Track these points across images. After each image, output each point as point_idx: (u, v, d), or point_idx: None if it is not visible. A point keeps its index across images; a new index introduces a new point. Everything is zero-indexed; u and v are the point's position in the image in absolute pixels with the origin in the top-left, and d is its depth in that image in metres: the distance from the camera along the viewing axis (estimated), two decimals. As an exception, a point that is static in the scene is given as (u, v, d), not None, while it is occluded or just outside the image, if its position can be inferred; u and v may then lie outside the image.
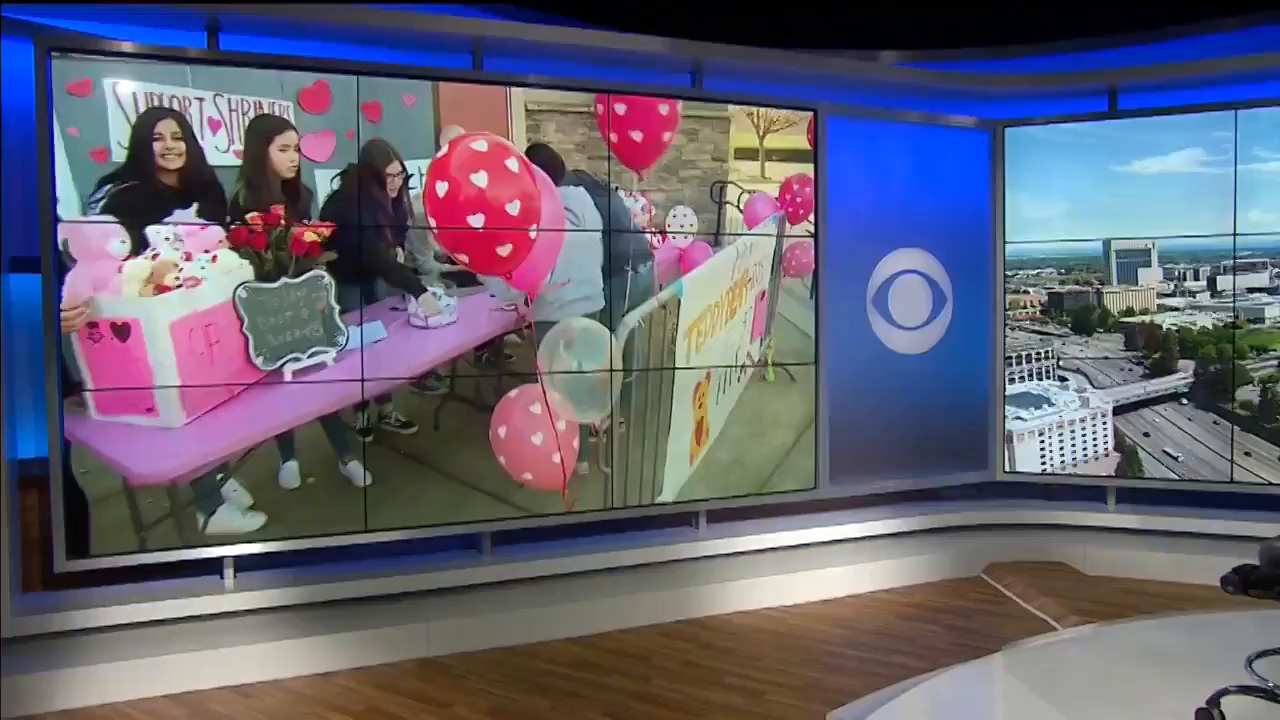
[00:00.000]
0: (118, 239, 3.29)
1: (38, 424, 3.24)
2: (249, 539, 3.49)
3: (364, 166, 3.71)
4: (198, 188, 3.41)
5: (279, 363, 3.56)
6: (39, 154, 3.14)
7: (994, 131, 4.88)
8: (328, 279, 3.61)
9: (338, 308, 3.63)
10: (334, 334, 3.63)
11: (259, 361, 3.52)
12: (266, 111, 3.56)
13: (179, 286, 3.35)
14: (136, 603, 3.33)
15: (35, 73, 3.12)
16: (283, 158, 3.57)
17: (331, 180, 3.66)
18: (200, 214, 3.41)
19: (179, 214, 3.38)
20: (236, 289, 3.44)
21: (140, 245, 3.32)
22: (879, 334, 4.77)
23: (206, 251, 3.43)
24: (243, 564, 3.56)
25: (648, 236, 4.21)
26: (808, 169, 4.48)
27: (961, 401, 4.91)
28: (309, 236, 3.58)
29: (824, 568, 4.24)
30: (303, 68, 3.55)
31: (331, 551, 3.69)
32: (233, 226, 3.46)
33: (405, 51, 3.87)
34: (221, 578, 3.53)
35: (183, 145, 3.39)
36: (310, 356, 3.61)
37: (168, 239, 3.40)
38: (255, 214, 3.49)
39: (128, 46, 3.26)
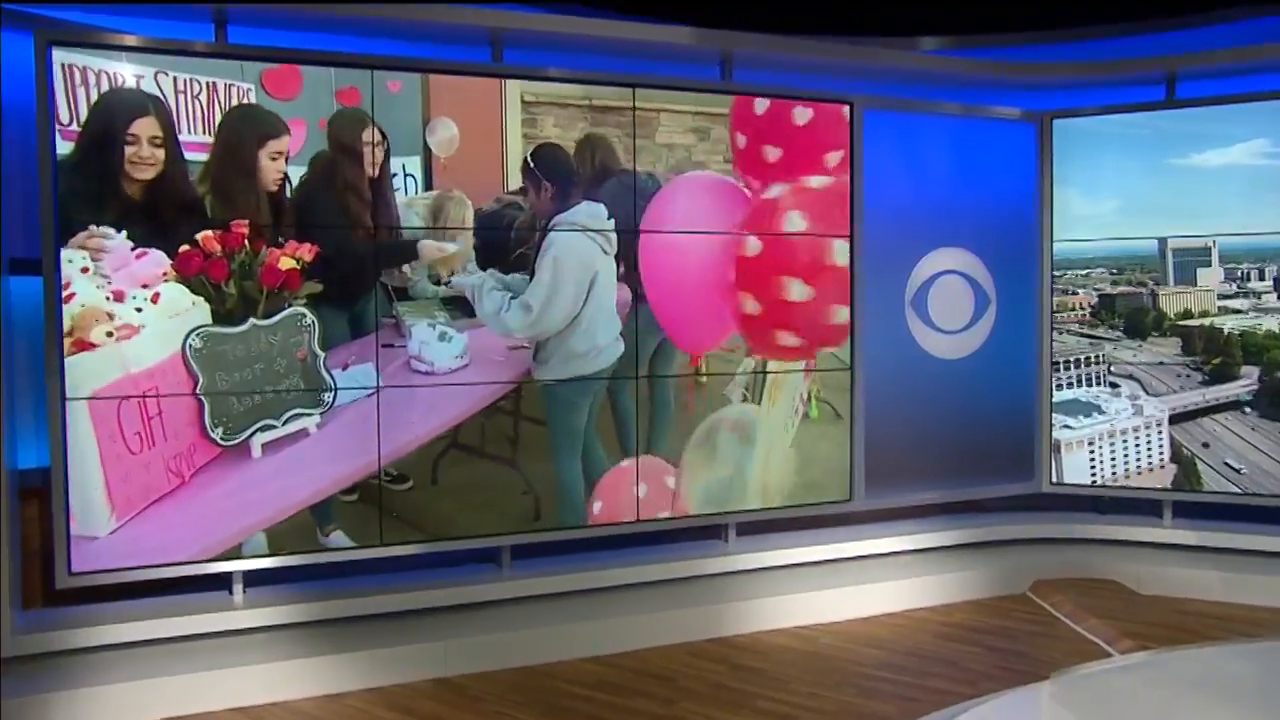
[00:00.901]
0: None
1: (39, 432, 3.14)
2: (259, 553, 3.36)
3: (334, 143, 3.28)
4: (171, 209, 2.96)
5: (244, 434, 3.07)
6: (40, 150, 3.03)
7: (1041, 123, 4.66)
8: (310, 318, 3.11)
9: (323, 355, 3.12)
10: (318, 389, 3.10)
11: (217, 435, 3.04)
12: (247, 103, 3.12)
13: (109, 341, 2.78)
14: (142, 620, 3.22)
15: (35, 66, 3.01)
16: (271, 167, 3.16)
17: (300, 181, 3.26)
18: (133, 237, 2.90)
19: (94, 232, 2.85)
20: (188, 338, 2.90)
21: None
22: (917, 338, 4.56)
23: (145, 287, 2.87)
24: (252, 578, 3.44)
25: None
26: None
27: (1005, 409, 4.69)
28: (285, 263, 3.05)
29: (859, 584, 4.07)
30: (317, 62, 3.40)
31: (344, 566, 3.56)
32: (180, 251, 2.91)
33: (421, 44, 3.73)
34: (230, 593, 3.41)
35: (161, 153, 2.98)
36: (286, 423, 3.08)
37: (85, 270, 2.82)
38: (209, 233, 2.94)
39: (131, 39, 3.14)
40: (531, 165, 3.77)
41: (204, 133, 3.20)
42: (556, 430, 3.86)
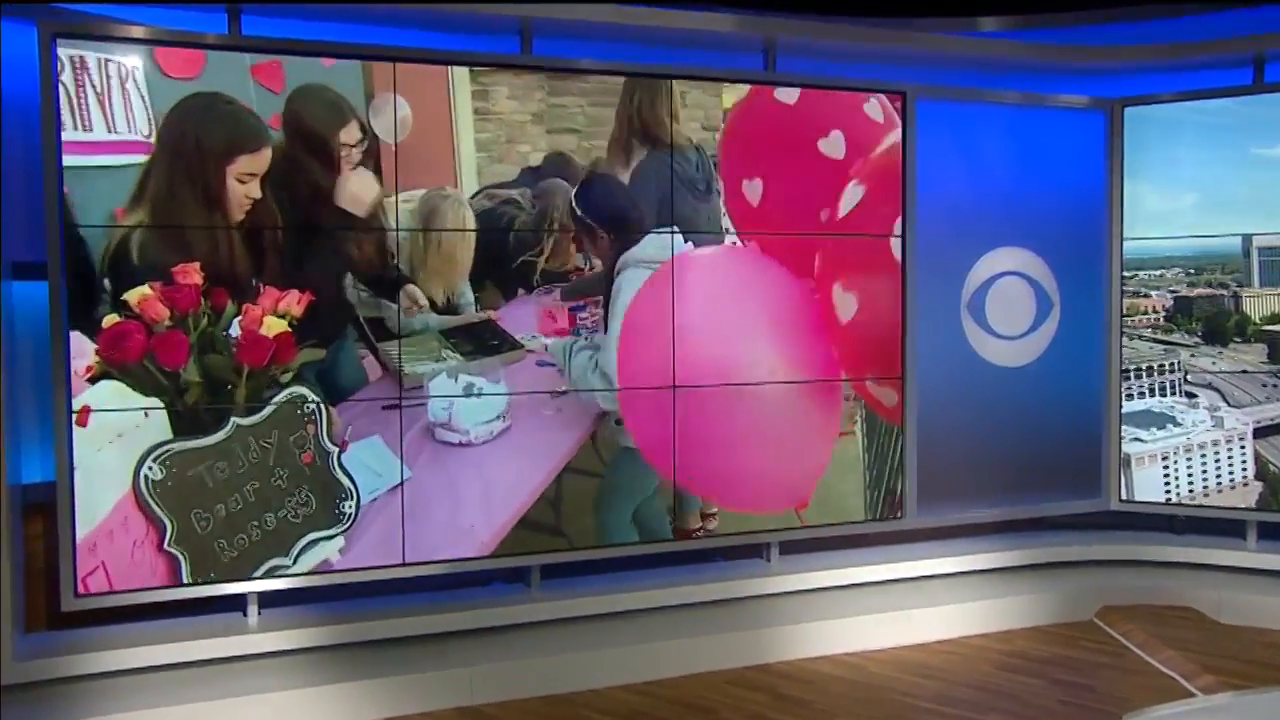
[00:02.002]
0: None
1: (43, 445, 2.98)
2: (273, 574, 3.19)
3: (294, 133, 2.71)
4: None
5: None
6: (44, 148, 2.88)
7: (1111, 111, 4.35)
8: (311, 399, 2.46)
9: (335, 450, 2.48)
10: (337, 498, 2.44)
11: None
12: (208, 95, 2.60)
13: None
14: (151, 644, 3.07)
15: (40, 59, 2.86)
16: (239, 192, 2.54)
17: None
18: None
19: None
20: (142, 468, 2.22)
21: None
22: (974, 344, 4.29)
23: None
24: (267, 600, 3.27)
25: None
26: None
27: (1069, 420, 4.40)
28: (272, 325, 2.38)
29: (911, 608, 3.83)
30: (336, 54, 3.21)
31: (364, 587, 3.39)
32: (105, 327, 2.28)
33: (447, 35, 3.53)
34: (245, 615, 3.25)
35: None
36: (298, 558, 2.48)
37: None
38: (148, 291, 2.26)
39: (138, 31, 2.98)
40: (580, 214, 3.41)
41: (109, 128, 2.62)
42: (622, 485, 3.58)
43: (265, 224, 2.72)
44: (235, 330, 2.63)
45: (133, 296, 2.48)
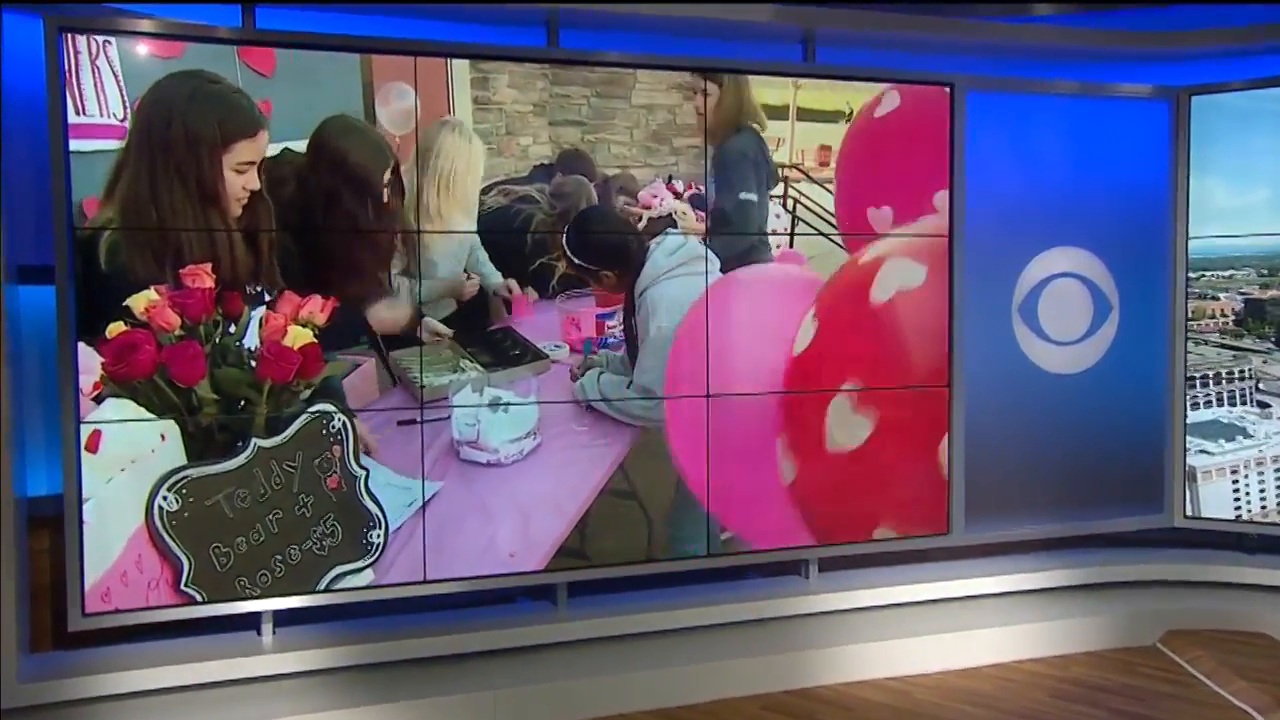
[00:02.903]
0: None
1: (50, 456, 2.87)
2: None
3: (328, 165, 2.57)
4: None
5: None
6: (52, 146, 2.77)
7: (1175, 101, 4.10)
8: (338, 418, 2.33)
9: (363, 474, 2.35)
10: (364, 527, 2.31)
11: None
12: (195, 73, 2.41)
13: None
14: (161, 665, 2.95)
15: (45, 54, 2.75)
16: (236, 183, 2.36)
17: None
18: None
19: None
20: (156, 497, 2.07)
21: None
22: (1026, 350, 4.07)
23: None
24: (283, 618, 3.15)
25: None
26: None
27: (1129, 430, 4.16)
28: (296, 335, 2.22)
29: (958, 630, 3.65)
30: (355, 49, 3.07)
31: (384, 605, 3.25)
32: (109, 336, 2.09)
33: (469, 27, 3.39)
34: (259, 634, 3.13)
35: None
36: (322, 590, 2.35)
37: None
38: (155, 296, 2.06)
39: (147, 24, 2.86)
40: (579, 261, 3.22)
41: (78, 110, 2.45)
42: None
43: (266, 224, 2.56)
44: (250, 340, 2.47)
45: (138, 302, 2.29)
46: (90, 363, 2.44)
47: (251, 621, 3.12)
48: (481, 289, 3.13)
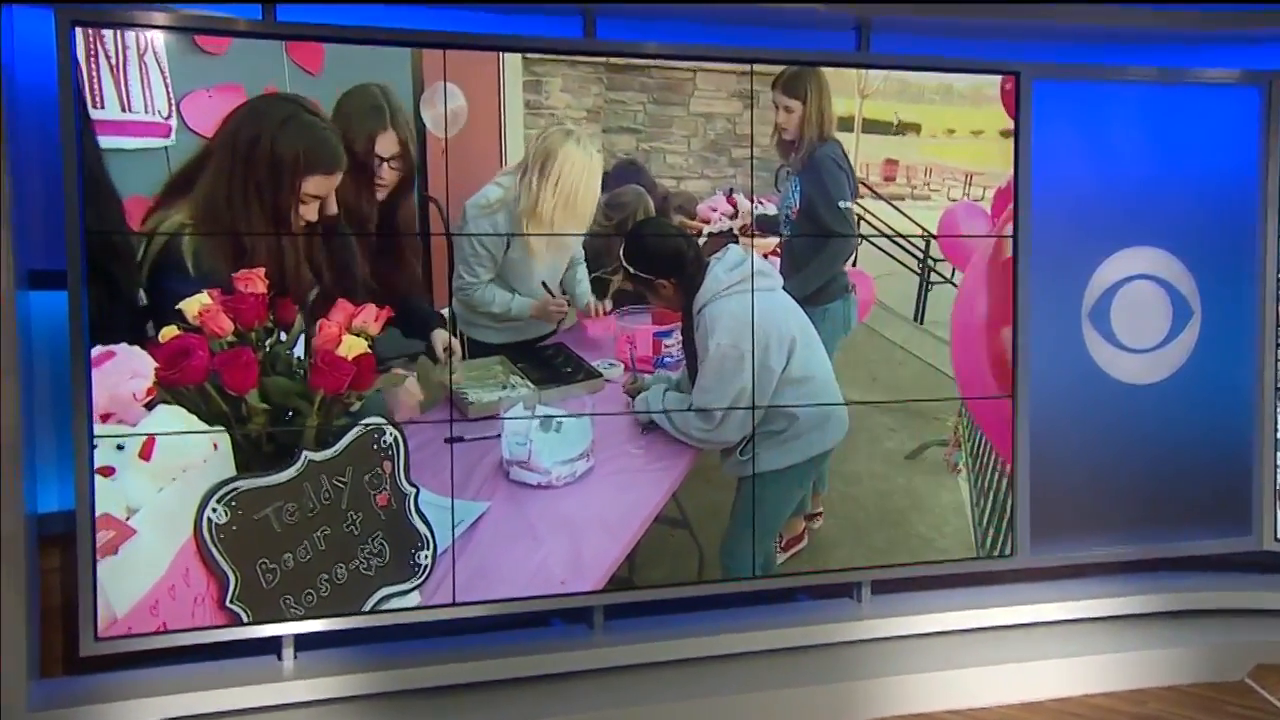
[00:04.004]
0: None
1: (61, 471, 2.75)
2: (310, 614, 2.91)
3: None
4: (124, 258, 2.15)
5: None
6: (64, 145, 2.65)
7: (1267, 87, 3.79)
8: (390, 432, 2.30)
9: (413, 491, 2.31)
10: (412, 548, 2.27)
11: None
12: (286, 98, 2.43)
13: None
14: (175, 693, 2.81)
15: (57, 49, 2.63)
16: (302, 211, 2.42)
17: None
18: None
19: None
20: (205, 510, 2.05)
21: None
22: (1097, 358, 3.81)
23: (115, 421, 1.93)
24: (304, 642, 2.99)
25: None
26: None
27: (1211, 445, 3.88)
28: (351, 345, 2.18)
29: (1023, 659, 3.42)
30: (380, 42, 2.91)
31: (410, 629, 3.09)
32: (161, 340, 2.07)
33: (500, 16, 3.21)
34: (279, 659, 2.98)
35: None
36: (347, 614, 2.29)
37: None
38: (207, 300, 2.07)
39: (161, 18, 2.73)
40: (635, 271, 3.10)
41: (123, 106, 2.43)
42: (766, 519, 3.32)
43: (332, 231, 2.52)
44: (299, 349, 2.40)
45: (191, 306, 2.23)
46: (140, 366, 2.35)
47: (271, 645, 2.98)
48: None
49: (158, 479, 2.12)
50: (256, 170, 2.41)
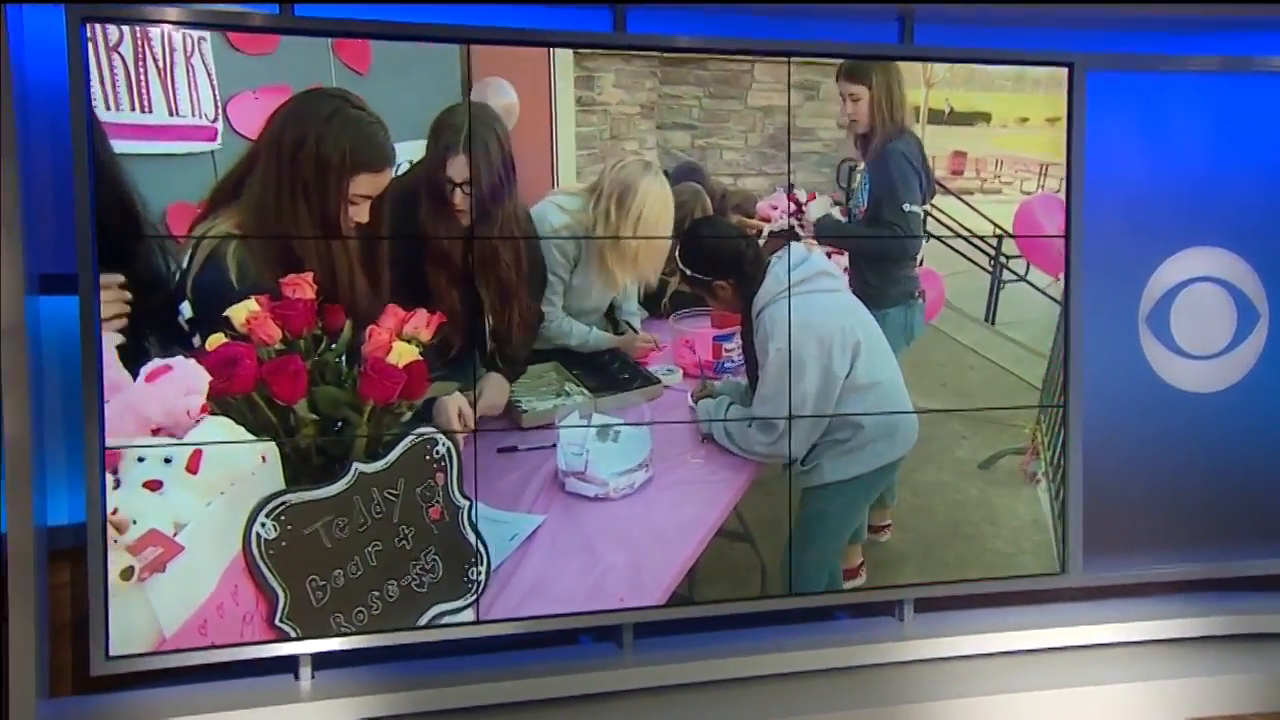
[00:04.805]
0: None
1: (72, 482, 2.67)
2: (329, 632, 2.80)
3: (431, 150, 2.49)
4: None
5: None
6: (74, 145, 2.56)
7: (1343, 76, 3.58)
8: (442, 443, 2.24)
9: (466, 504, 2.26)
10: (466, 562, 2.21)
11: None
12: (336, 93, 2.40)
13: (128, 588, 1.93)
14: (190, 713, 2.70)
15: (68, 45, 2.54)
16: (350, 212, 2.37)
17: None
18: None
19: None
20: (254, 524, 2.01)
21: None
22: (1155, 365, 3.63)
23: (165, 435, 1.92)
24: (322, 661, 2.89)
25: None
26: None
27: (1278, 457, 3.68)
28: (402, 353, 2.13)
29: (1076, 684, 3.26)
30: (402, 36, 2.80)
31: (432, 647, 2.97)
32: (211, 348, 2.04)
33: (528, 9, 3.08)
34: (296, 678, 2.87)
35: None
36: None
37: None
38: (255, 307, 2.02)
39: (173, 13, 2.63)
40: (691, 273, 2.99)
41: (171, 110, 2.41)
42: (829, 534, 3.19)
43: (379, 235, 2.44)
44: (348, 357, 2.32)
45: (238, 313, 2.14)
46: (195, 382, 2.25)
47: (289, 663, 2.88)
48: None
49: (205, 493, 2.06)
50: (303, 170, 2.34)
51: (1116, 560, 3.58)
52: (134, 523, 1.99)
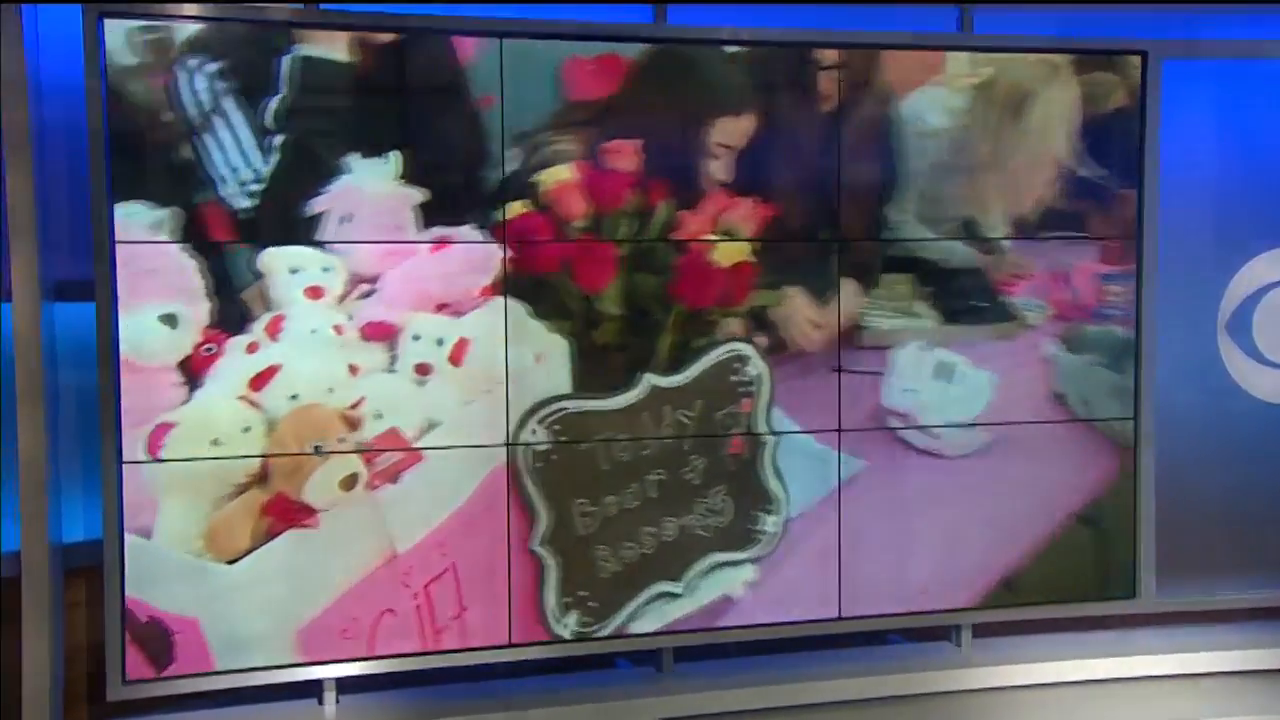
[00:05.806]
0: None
1: (88, 497, 2.58)
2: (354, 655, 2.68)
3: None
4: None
5: (614, 625, 2.05)
6: (91, 146, 2.47)
7: None
8: (756, 362, 1.93)
9: (772, 440, 1.94)
10: (759, 509, 1.95)
11: (564, 630, 2.14)
12: None
13: (356, 495, 1.73)
14: (208, 741, 2.61)
15: (85, 43, 2.45)
16: (711, 167, 2.24)
17: None
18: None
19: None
20: (525, 426, 1.82)
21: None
22: (1236, 374, 3.40)
23: (443, 312, 1.74)
24: (347, 685, 2.77)
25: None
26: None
27: (1369, 475, 3.44)
28: (727, 252, 1.90)
29: (1144, 716, 3.07)
30: (430, 30, 2.65)
31: (461, 670, 2.84)
32: (507, 218, 1.81)
33: (561, 4, 2.94)
34: (320, 703, 2.75)
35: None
36: (693, 587, 2.02)
37: (315, 292, 1.69)
38: (569, 176, 1.84)
39: (191, 8, 2.53)
40: (1082, 173, 2.66)
41: None
42: None
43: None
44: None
45: (549, 178, 1.90)
46: (481, 260, 1.98)
47: (312, 687, 2.76)
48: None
49: (467, 390, 1.82)
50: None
51: (1189, 584, 3.37)
52: (377, 417, 1.69)
